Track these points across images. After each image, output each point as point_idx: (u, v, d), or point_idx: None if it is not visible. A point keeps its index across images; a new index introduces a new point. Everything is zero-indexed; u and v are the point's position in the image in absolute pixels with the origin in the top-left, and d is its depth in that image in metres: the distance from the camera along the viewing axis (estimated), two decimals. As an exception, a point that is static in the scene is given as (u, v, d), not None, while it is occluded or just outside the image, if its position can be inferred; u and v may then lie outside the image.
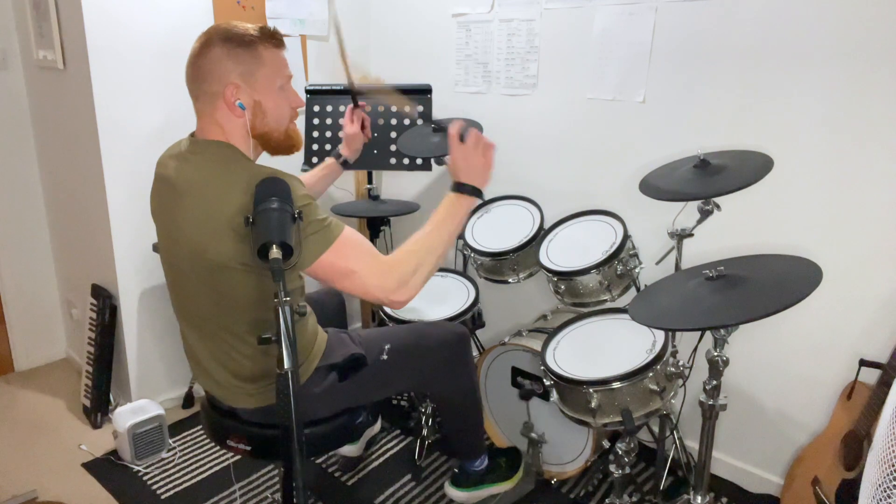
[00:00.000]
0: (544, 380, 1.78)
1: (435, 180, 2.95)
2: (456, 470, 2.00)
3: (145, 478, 2.20)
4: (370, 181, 2.78)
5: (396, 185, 3.10)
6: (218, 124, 1.40)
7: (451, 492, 1.99)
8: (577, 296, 1.97)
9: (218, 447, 2.34)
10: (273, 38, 1.42)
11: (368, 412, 2.30)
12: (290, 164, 1.56)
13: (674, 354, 1.70)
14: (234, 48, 1.37)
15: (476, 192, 1.54)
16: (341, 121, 2.55)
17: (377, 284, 1.37)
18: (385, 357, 1.63)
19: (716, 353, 1.46)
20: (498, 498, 2.03)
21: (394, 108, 2.05)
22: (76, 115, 2.35)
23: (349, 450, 2.23)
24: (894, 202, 1.77)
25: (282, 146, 1.48)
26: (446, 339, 1.76)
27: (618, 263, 1.91)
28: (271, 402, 1.49)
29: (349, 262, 1.35)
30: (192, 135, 1.46)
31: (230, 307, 1.40)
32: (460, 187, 1.54)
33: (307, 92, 2.55)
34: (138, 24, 2.27)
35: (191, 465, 2.27)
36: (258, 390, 1.49)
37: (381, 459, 2.29)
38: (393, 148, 2.58)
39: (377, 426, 2.39)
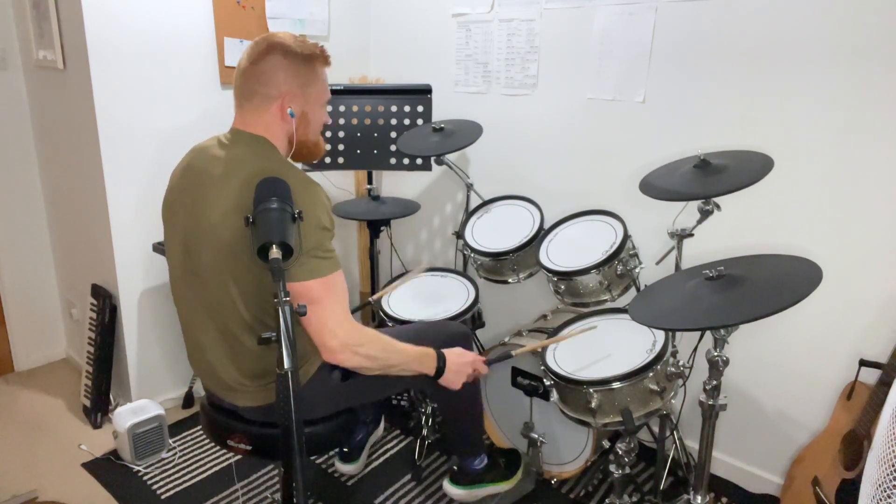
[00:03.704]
0: (544, 380, 1.78)
1: (435, 180, 2.95)
2: (455, 468, 2.00)
3: (145, 478, 2.20)
4: (370, 181, 2.78)
5: (396, 184, 3.10)
6: (263, 123, 1.48)
7: (450, 489, 1.99)
8: (577, 296, 1.97)
9: (218, 447, 2.34)
10: (327, 59, 1.54)
11: (368, 424, 2.31)
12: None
13: (674, 354, 1.70)
14: (295, 60, 1.46)
15: (439, 372, 1.65)
16: (341, 121, 2.57)
17: (333, 329, 1.40)
18: None
19: (716, 353, 1.46)
20: (497, 498, 2.03)
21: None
22: (76, 116, 2.35)
23: (351, 468, 2.22)
24: (894, 202, 1.77)
25: (309, 154, 1.61)
26: (449, 338, 1.76)
27: (618, 263, 1.91)
28: (273, 400, 1.50)
29: (327, 296, 1.39)
30: (231, 128, 1.53)
31: (245, 298, 1.41)
32: (440, 367, 1.65)
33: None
34: (138, 25, 2.27)
35: (191, 465, 2.27)
36: (263, 387, 1.50)
37: (381, 459, 2.30)
38: (393, 148, 2.58)
39: (380, 430, 2.39)
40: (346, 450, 2.22)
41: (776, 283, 1.31)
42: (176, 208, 1.52)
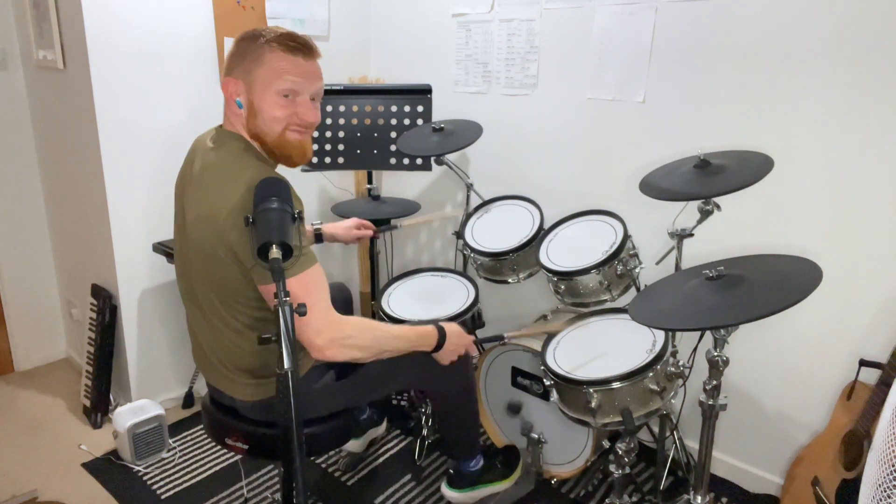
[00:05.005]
0: (544, 380, 1.78)
1: (435, 180, 2.95)
2: (451, 471, 2.00)
3: (145, 478, 2.20)
4: (370, 181, 2.78)
5: (396, 184, 3.10)
6: (227, 117, 1.45)
7: (448, 493, 1.99)
8: (577, 296, 1.97)
9: (218, 447, 2.34)
10: (285, 43, 1.37)
11: (373, 410, 2.32)
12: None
13: (674, 354, 1.70)
14: (245, 45, 1.40)
15: (439, 346, 1.63)
16: (341, 121, 2.57)
17: (316, 326, 1.36)
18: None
19: (716, 353, 1.46)
20: (496, 497, 2.03)
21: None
22: (76, 115, 2.35)
23: (351, 445, 2.24)
24: (894, 202, 1.77)
25: (275, 154, 1.45)
26: None
27: (618, 263, 1.91)
28: (271, 395, 1.51)
29: (305, 293, 1.34)
30: (217, 126, 1.51)
31: (228, 300, 1.42)
32: (439, 343, 1.62)
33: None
34: (138, 25, 2.27)
35: (191, 465, 2.27)
36: (259, 383, 1.50)
37: (381, 459, 2.30)
38: (393, 148, 2.58)
39: (382, 427, 2.39)
40: None
41: (776, 283, 1.31)
42: (176, 201, 1.54)
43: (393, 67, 2.99)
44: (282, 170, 1.46)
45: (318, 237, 2.05)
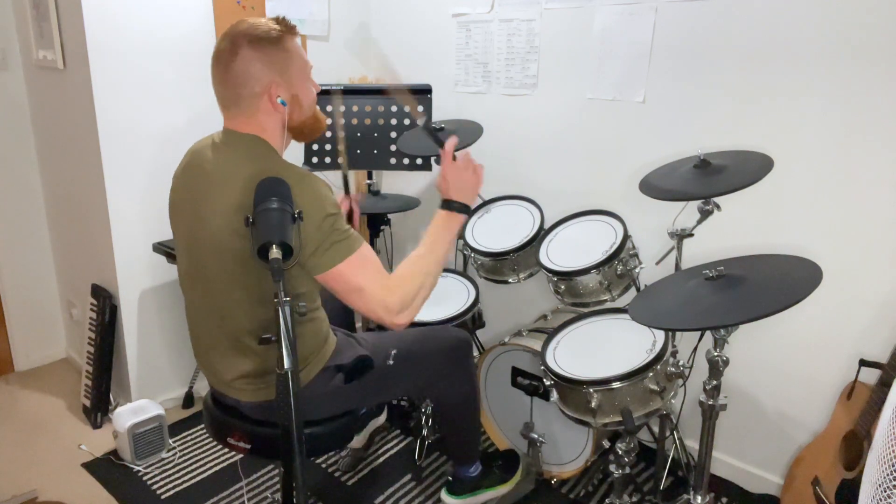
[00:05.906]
0: (544, 380, 1.78)
1: (435, 180, 2.95)
2: (450, 478, 2.00)
3: (145, 478, 2.20)
4: (370, 176, 2.78)
5: (396, 184, 3.10)
6: (257, 122, 1.42)
7: (448, 500, 1.98)
8: (577, 296, 1.97)
9: (218, 447, 2.34)
10: (293, 29, 1.45)
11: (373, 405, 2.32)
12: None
13: (674, 354, 1.70)
14: (264, 47, 1.39)
15: (465, 209, 1.56)
16: (341, 120, 2.56)
17: (382, 304, 1.39)
18: (391, 362, 1.63)
19: (716, 353, 1.46)
20: (496, 501, 2.03)
21: (404, 108, 2.26)
22: (76, 116, 2.35)
23: (354, 441, 2.23)
24: (894, 202, 1.77)
25: (313, 131, 1.55)
26: (450, 345, 1.76)
27: (618, 263, 1.91)
28: (273, 397, 1.50)
29: (360, 277, 1.38)
30: (224, 129, 1.47)
31: (247, 300, 1.41)
32: (449, 204, 1.56)
33: (307, 92, 2.55)
34: (138, 25, 2.27)
35: (191, 465, 2.27)
36: (262, 385, 1.50)
37: (381, 459, 2.30)
38: (393, 148, 2.58)
39: (382, 417, 2.39)
40: None
41: (776, 283, 1.31)
42: (178, 211, 1.51)
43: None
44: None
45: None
